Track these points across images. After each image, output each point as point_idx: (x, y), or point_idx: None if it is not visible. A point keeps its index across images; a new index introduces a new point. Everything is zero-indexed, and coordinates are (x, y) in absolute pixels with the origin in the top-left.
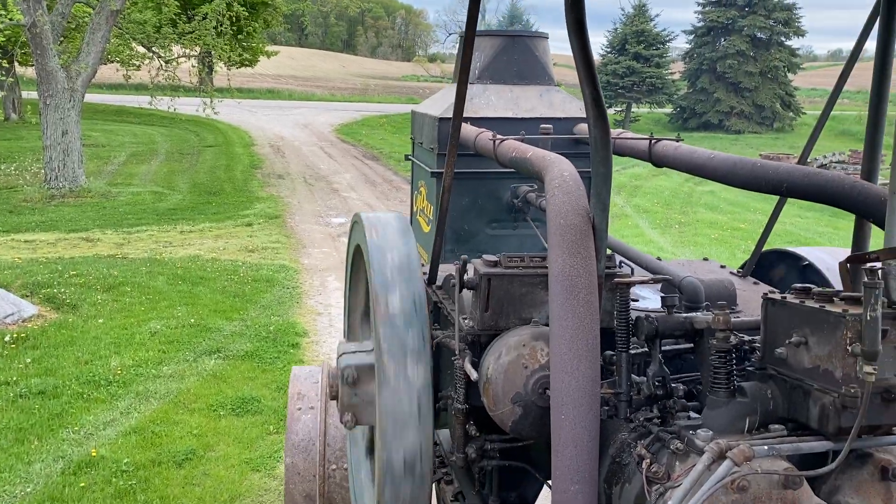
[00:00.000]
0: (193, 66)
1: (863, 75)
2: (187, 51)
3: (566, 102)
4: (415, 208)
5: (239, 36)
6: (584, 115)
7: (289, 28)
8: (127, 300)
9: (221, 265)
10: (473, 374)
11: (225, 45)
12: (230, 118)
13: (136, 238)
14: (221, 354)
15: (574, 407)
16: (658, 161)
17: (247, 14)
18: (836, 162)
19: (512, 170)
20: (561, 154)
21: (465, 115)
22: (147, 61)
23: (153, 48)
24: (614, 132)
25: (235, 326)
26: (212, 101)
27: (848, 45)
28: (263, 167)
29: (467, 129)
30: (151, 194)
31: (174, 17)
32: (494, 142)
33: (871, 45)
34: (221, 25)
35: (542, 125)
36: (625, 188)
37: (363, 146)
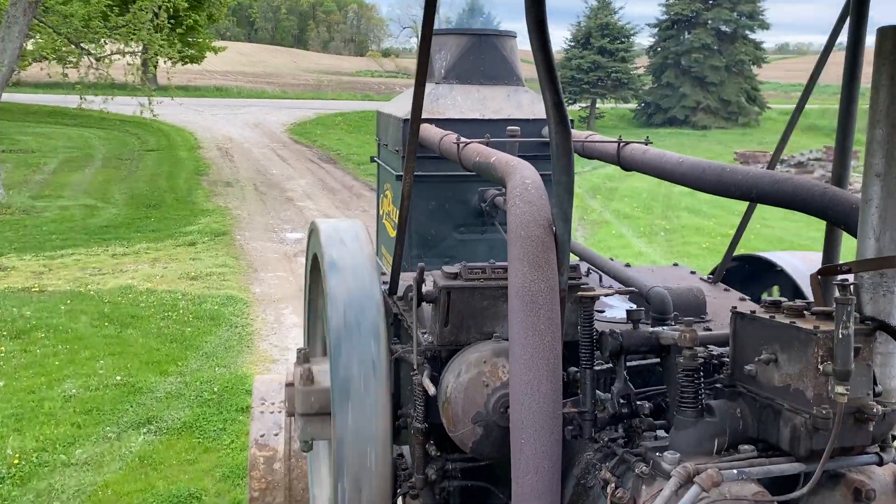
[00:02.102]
0: (129, 64)
1: (825, 69)
2: (121, 46)
3: (535, 103)
4: (381, 212)
5: (178, 30)
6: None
7: (237, 23)
8: (39, 351)
9: (158, 298)
10: (431, 390)
11: (163, 40)
12: (175, 118)
13: (58, 265)
14: (153, 427)
15: (535, 429)
16: (627, 165)
17: (186, 5)
18: (813, 159)
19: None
20: (529, 156)
21: (430, 117)
22: (83, 58)
23: (82, 44)
24: (583, 134)
25: (172, 384)
26: (150, 102)
27: (795, 39)
28: (210, 173)
29: (432, 131)
30: (82, 209)
31: (105, 9)
32: (458, 145)
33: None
34: (158, 18)
35: (509, 127)
36: (600, 191)
37: (319, 147)
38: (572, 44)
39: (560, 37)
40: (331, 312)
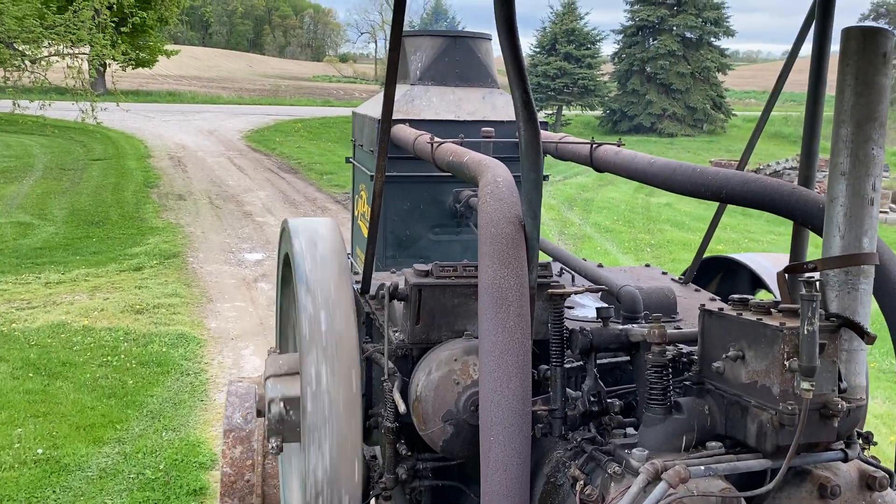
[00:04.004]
0: (69, 67)
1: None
2: (60, 48)
3: (509, 105)
4: (356, 212)
5: (124, 29)
6: None
7: (191, 27)
8: None
9: (96, 339)
10: (402, 407)
11: (107, 40)
12: (123, 125)
13: None
14: None
15: (504, 427)
16: (599, 166)
17: (134, 2)
18: (788, 168)
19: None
20: (504, 157)
21: (405, 118)
22: (15, 60)
23: (14, 44)
24: (556, 136)
25: (107, 457)
26: (93, 108)
27: (745, 47)
28: (160, 185)
29: (406, 132)
30: (14, 227)
31: (41, 6)
32: (432, 145)
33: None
34: (100, 16)
35: (483, 128)
36: (576, 202)
37: (278, 156)
38: (538, 50)
39: (526, 43)
40: (301, 311)
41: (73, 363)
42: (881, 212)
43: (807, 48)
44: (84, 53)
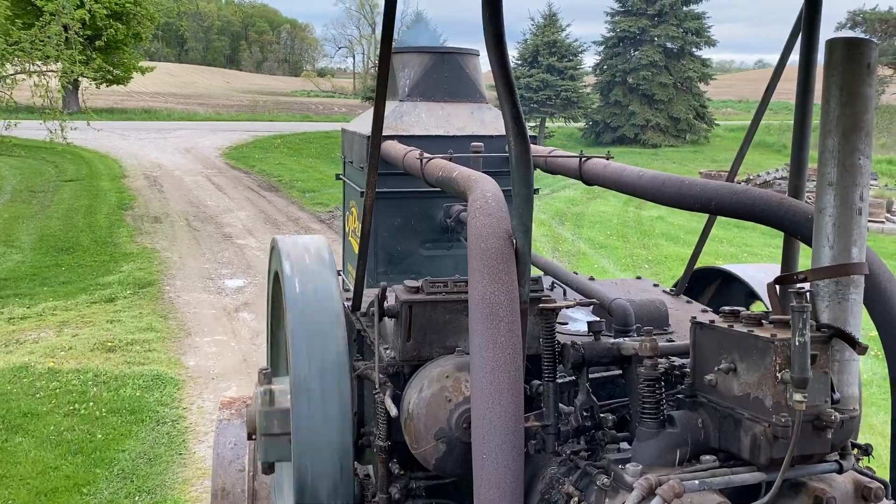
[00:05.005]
0: (36, 85)
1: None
2: (28, 66)
3: (498, 120)
4: (347, 228)
5: (97, 42)
6: None
7: (167, 43)
8: None
9: (62, 383)
10: (393, 411)
11: (76, 56)
12: (97, 144)
13: None
14: None
15: (496, 445)
16: (589, 179)
17: (105, 13)
18: (779, 178)
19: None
20: (493, 172)
21: (395, 133)
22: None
23: None
24: (546, 150)
25: None
26: (62, 127)
27: (717, 56)
28: (135, 207)
29: (396, 148)
30: None
31: (5, 22)
32: (422, 160)
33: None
34: (69, 31)
35: (472, 143)
36: (567, 217)
37: (258, 173)
38: (520, 62)
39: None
40: (291, 331)
41: (36, 413)
42: (878, 221)
43: (792, 56)
44: (52, 71)
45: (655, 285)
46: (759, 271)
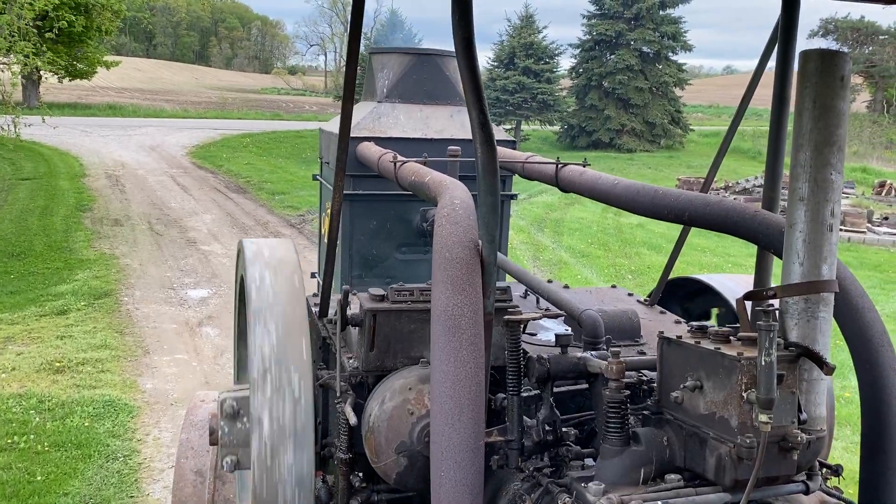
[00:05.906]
0: None
1: (741, 94)
2: None
3: None
4: (322, 230)
5: (48, 34)
6: (497, 138)
7: (134, 38)
8: None
9: (1, 411)
10: (353, 419)
11: (30, 49)
12: (58, 140)
13: None
14: None
15: (455, 462)
16: (565, 186)
17: (58, 2)
18: (758, 186)
19: None
20: (471, 176)
21: (372, 135)
22: None
23: None
24: (523, 155)
25: None
26: (16, 124)
27: (687, 61)
28: (95, 208)
29: (372, 150)
30: None
31: None
32: (395, 164)
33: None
34: (21, 21)
35: (450, 147)
36: (546, 223)
37: (225, 174)
38: (496, 64)
39: (483, 57)
40: (254, 336)
41: None
42: (860, 232)
43: (768, 63)
44: (4, 63)
45: (630, 294)
46: (732, 281)
